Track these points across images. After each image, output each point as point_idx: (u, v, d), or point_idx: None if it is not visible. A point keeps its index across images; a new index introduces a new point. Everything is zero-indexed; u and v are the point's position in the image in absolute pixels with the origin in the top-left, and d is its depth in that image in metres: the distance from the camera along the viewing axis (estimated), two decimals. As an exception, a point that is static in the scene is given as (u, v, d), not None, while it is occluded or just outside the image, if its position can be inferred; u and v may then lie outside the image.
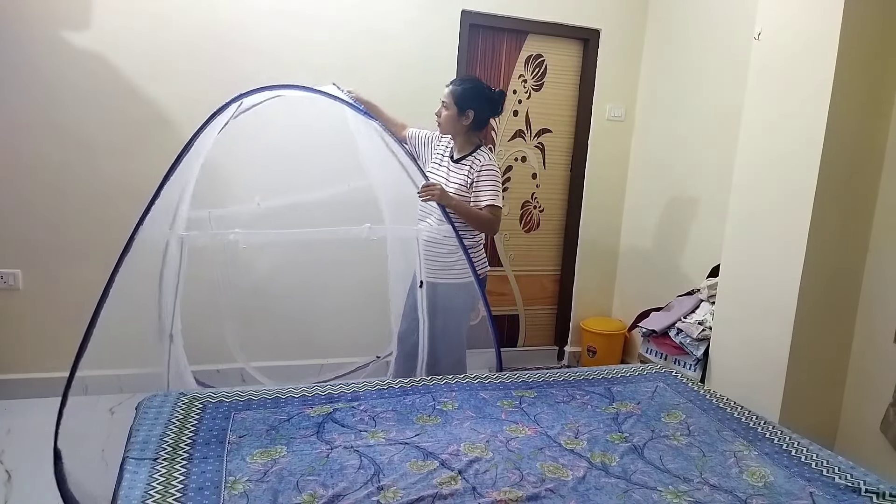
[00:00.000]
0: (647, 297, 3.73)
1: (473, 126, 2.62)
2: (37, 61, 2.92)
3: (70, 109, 2.99)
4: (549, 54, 3.84)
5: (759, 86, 2.63)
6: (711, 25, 3.34)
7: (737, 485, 1.77)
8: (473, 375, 2.50)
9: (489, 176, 2.57)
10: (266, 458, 1.77)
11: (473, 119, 2.59)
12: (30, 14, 2.88)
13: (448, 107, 2.58)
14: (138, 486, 1.58)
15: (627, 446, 1.96)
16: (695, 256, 3.35)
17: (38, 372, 3.11)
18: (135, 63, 3.05)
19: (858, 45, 2.31)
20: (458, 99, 2.57)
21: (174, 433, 1.84)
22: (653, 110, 3.83)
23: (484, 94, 2.60)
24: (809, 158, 2.38)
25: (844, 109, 2.34)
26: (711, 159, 3.28)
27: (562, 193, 4.05)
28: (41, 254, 3.05)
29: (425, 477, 1.71)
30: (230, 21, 3.15)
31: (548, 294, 4.14)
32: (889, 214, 2.43)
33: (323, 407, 2.10)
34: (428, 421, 2.06)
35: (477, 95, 2.58)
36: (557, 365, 4.14)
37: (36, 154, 2.98)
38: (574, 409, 2.22)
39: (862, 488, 1.73)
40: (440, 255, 2.64)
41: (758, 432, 2.09)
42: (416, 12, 3.44)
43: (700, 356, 2.88)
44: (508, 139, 3.87)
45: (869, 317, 2.50)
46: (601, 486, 1.73)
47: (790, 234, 2.46)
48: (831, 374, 2.57)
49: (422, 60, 3.48)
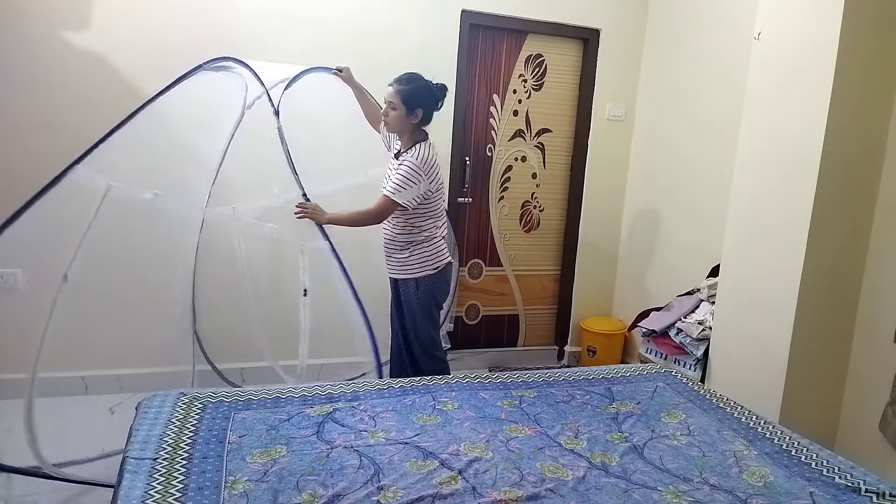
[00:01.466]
0: (646, 297, 3.73)
1: (421, 123, 2.62)
2: (37, 61, 2.92)
3: (70, 109, 2.99)
4: (549, 54, 3.84)
5: (759, 86, 2.63)
6: (711, 25, 3.34)
7: (737, 484, 1.77)
8: (473, 375, 2.51)
9: (403, 169, 2.53)
10: (266, 457, 1.77)
11: (422, 117, 2.60)
12: (30, 14, 2.88)
13: (396, 107, 2.57)
14: (138, 485, 1.58)
15: (627, 446, 1.96)
16: (695, 256, 3.35)
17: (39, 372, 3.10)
18: (135, 63, 3.04)
19: (858, 45, 2.31)
20: (407, 98, 2.56)
21: (174, 433, 1.84)
22: (653, 110, 3.83)
23: (430, 91, 2.61)
24: (809, 158, 2.38)
25: (844, 109, 2.34)
26: (711, 159, 3.28)
27: (562, 193, 4.05)
28: (42, 254, 3.05)
29: (425, 477, 1.71)
30: (230, 21, 3.15)
31: (548, 294, 4.14)
32: (889, 214, 2.43)
33: (323, 407, 2.10)
34: (428, 421, 2.06)
35: (424, 94, 2.58)
36: (557, 365, 4.14)
37: (36, 154, 2.98)
38: (574, 408, 2.22)
39: (862, 488, 1.73)
40: (394, 253, 2.69)
41: (758, 432, 2.09)
42: (416, 12, 3.44)
43: (700, 356, 2.88)
44: (508, 139, 3.87)
45: (869, 316, 2.50)
46: (601, 485, 1.73)
47: (790, 234, 2.46)
48: (831, 374, 2.57)
49: (422, 60, 3.46)
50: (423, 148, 2.58)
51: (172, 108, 2.82)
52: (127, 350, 3.20)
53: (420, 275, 2.65)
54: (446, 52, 3.54)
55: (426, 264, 2.64)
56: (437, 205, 2.67)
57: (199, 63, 2.67)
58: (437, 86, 2.63)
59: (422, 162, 2.54)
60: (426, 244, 2.64)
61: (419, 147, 2.58)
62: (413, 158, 2.54)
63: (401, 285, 2.73)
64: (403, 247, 2.65)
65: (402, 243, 2.64)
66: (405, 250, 2.65)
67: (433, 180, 2.60)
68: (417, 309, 2.68)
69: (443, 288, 2.72)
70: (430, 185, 2.59)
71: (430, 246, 2.65)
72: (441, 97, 2.65)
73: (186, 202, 2.87)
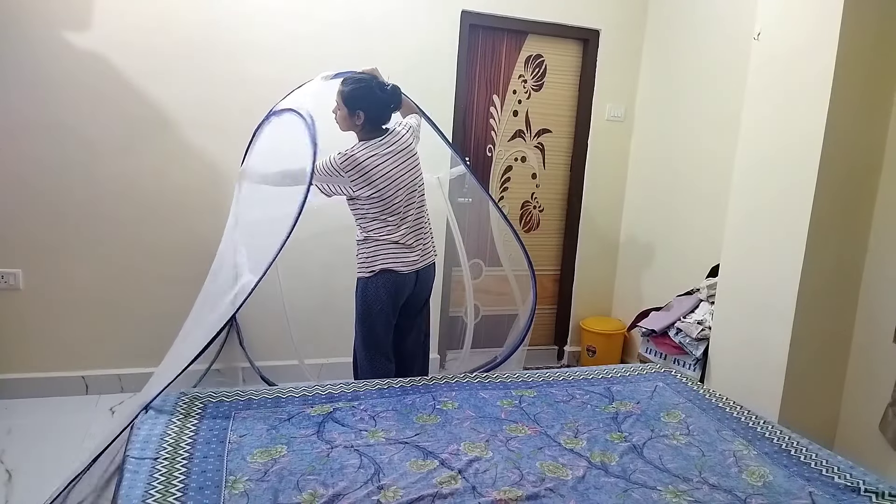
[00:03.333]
0: (646, 297, 3.74)
1: (367, 124, 2.53)
2: (37, 61, 2.92)
3: (70, 109, 3.00)
4: (548, 54, 3.84)
5: (759, 86, 2.64)
6: (711, 25, 3.34)
7: (736, 484, 1.77)
8: (474, 375, 2.51)
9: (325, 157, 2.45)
10: (266, 457, 1.77)
11: (366, 118, 2.52)
12: (31, 14, 2.88)
13: (340, 107, 2.53)
14: (139, 485, 1.58)
15: (627, 446, 1.97)
16: (694, 256, 3.36)
17: (39, 372, 3.11)
18: (135, 63, 3.05)
19: (858, 45, 2.32)
20: (347, 100, 2.50)
21: (175, 432, 1.85)
22: (653, 110, 3.84)
23: (374, 94, 2.52)
24: (809, 158, 2.38)
25: (844, 109, 2.34)
26: (711, 159, 3.28)
27: (561, 193, 4.05)
28: (42, 254, 3.06)
29: (425, 476, 1.72)
30: (230, 21, 3.15)
31: (547, 294, 4.14)
32: (888, 213, 2.44)
33: (323, 406, 2.10)
34: (428, 420, 2.06)
35: (366, 96, 2.50)
36: (557, 364, 4.14)
37: (36, 154, 2.98)
38: (574, 408, 2.22)
39: (861, 488, 1.73)
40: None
41: (757, 432, 2.09)
42: (416, 12, 3.45)
43: (699, 356, 2.88)
44: (508, 139, 3.87)
45: (868, 316, 2.50)
46: (601, 485, 1.74)
47: (790, 234, 2.46)
48: (830, 374, 2.57)
49: (422, 61, 3.48)
50: (360, 148, 2.48)
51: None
52: (127, 350, 3.21)
53: (359, 274, 2.60)
54: (446, 53, 3.54)
55: (363, 265, 2.58)
56: (381, 208, 2.52)
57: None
58: (386, 86, 2.54)
59: (344, 158, 2.44)
60: (366, 244, 2.56)
61: (355, 146, 2.49)
62: (337, 153, 2.46)
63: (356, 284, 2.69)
64: (357, 243, 2.61)
65: (357, 239, 2.61)
66: (357, 246, 2.62)
67: (360, 181, 2.46)
68: (356, 306, 2.63)
69: (377, 294, 2.56)
70: (354, 184, 2.47)
71: (368, 247, 2.56)
72: (390, 99, 2.55)
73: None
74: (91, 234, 3.11)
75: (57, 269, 3.09)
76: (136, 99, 3.08)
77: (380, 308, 2.57)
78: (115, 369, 3.21)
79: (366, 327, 2.61)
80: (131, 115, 3.08)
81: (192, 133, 3.18)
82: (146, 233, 3.18)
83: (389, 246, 2.56)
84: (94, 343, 3.19)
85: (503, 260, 3.98)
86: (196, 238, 3.18)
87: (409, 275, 2.59)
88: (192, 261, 3.07)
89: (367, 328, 2.61)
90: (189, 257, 3.17)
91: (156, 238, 3.19)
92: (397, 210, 2.54)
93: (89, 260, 3.12)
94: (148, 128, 3.12)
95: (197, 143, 3.19)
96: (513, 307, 4.08)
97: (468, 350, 3.59)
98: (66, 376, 3.14)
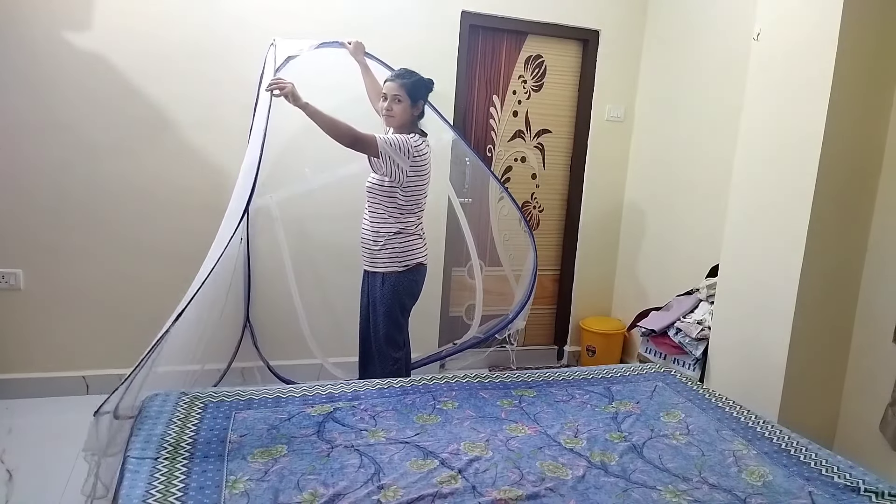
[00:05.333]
0: (646, 297, 3.74)
1: (420, 116, 2.69)
2: (37, 61, 2.92)
3: (71, 109, 3.00)
4: (548, 55, 3.84)
5: (759, 86, 2.64)
6: (711, 25, 3.35)
7: (736, 484, 1.77)
8: (473, 375, 2.51)
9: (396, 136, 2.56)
10: (267, 457, 1.77)
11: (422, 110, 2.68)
12: (31, 14, 2.88)
13: (402, 99, 2.60)
14: (139, 484, 1.59)
15: (627, 445, 1.97)
16: (694, 256, 3.36)
17: (39, 372, 3.11)
18: (135, 63, 3.05)
19: (857, 45, 2.32)
20: (412, 91, 2.61)
21: (175, 432, 1.85)
22: (652, 110, 3.84)
23: (426, 84, 2.68)
24: (808, 159, 2.39)
25: (843, 109, 2.35)
26: (710, 159, 3.28)
27: (561, 194, 4.05)
28: (42, 254, 3.06)
29: (425, 476, 1.72)
30: (230, 21, 3.15)
31: (547, 293, 4.14)
32: (888, 213, 2.44)
33: (323, 406, 2.10)
34: (428, 420, 2.06)
35: (423, 86, 2.66)
36: (557, 364, 4.14)
37: (37, 154, 2.98)
38: (573, 408, 2.23)
39: (861, 487, 1.74)
40: (368, 244, 2.66)
41: (757, 431, 2.09)
42: (416, 13, 3.45)
43: (699, 356, 2.88)
44: (508, 139, 3.87)
45: (868, 316, 2.50)
46: (600, 485, 1.74)
47: (789, 234, 2.47)
48: (830, 374, 2.57)
49: (422, 61, 3.45)
50: (420, 141, 2.60)
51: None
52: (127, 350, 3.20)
53: (387, 270, 2.62)
54: (446, 53, 3.54)
55: (394, 259, 2.61)
56: (419, 200, 2.64)
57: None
58: (428, 80, 2.70)
59: (411, 144, 2.54)
60: (398, 238, 2.60)
61: (414, 136, 2.60)
62: (408, 136, 2.57)
63: (370, 278, 2.71)
64: (377, 238, 2.62)
65: (377, 235, 2.62)
66: (378, 242, 2.62)
67: (417, 170, 2.57)
68: (380, 304, 2.64)
69: (410, 289, 2.66)
70: (412, 170, 2.56)
71: (402, 241, 2.61)
72: (431, 91, 2.73)
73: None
74: (91, 234, 3.11)
75: (57, 269, 3.09)
76: (136, 99, 3.08)
77: (410, 303, 2.67)
78: (115, 369, 3.19)
79: (392, 323, 2.66)
80: (131, 116, 3.08)
81: (192, 133, 3.18)
82: (146, 233, 3.18)
83: (420, 240, 2.69)
84: (94, 343, 3.19)
85: (503, 260, 3.98)
86: (196, 238, 3.17)
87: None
88: (192, 261, 3.07)
89: (395, 322, 2.66)
90: (189, 257, 3.16)
91: (156, 238, 3.19)
92: (424, 207, 2.70)
93: (90, 260, 3.12)
94: (148, 128, 3.12)
95: (197, 143, 3.19)
96: (513, 307, 4.09)
97: (471, 337, 3.65)
98: (66, 376, 3.14)
